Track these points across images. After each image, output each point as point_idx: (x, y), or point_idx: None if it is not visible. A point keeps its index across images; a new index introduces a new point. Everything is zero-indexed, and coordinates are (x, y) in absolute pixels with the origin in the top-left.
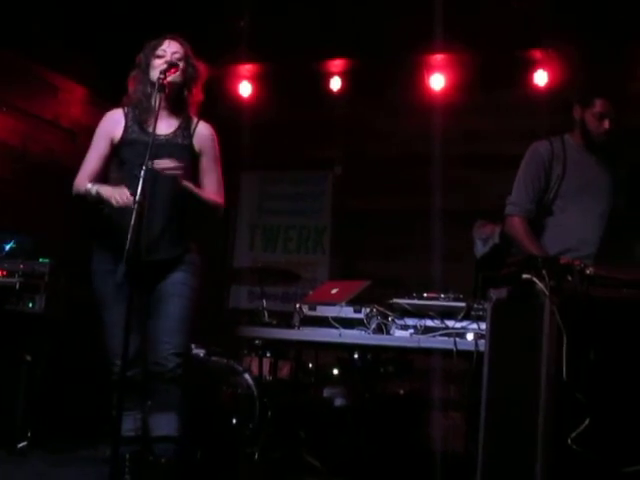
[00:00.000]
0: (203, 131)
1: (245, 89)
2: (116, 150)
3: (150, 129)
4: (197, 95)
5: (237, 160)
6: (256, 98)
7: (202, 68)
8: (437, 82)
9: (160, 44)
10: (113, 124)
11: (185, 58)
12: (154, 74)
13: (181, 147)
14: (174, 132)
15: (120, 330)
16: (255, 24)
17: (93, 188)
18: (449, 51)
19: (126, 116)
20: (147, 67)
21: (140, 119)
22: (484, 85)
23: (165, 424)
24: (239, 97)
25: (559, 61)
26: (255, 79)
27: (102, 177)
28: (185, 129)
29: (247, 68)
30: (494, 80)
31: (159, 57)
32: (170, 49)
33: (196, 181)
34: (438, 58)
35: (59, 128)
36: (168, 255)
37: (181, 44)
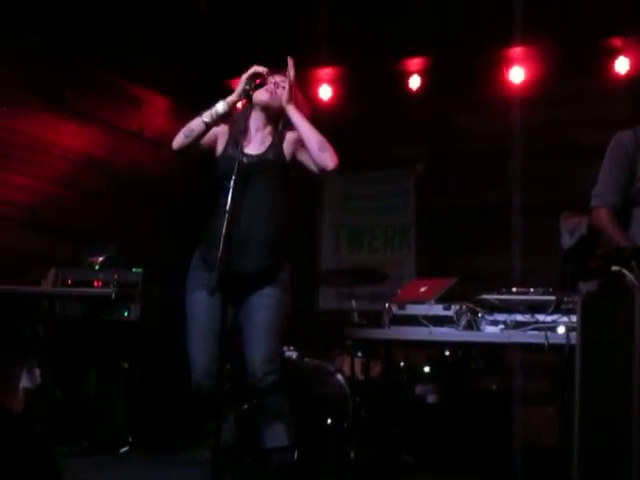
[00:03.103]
0: (288, 135)
1: (325, 92)
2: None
3: (242, 148)
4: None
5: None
6: (336, 100)
7: (303, 101)
8: (517, 75)
9: (271, 72)
10: (222, 137)
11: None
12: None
13: (272, 163)
14: (266, 150)
15: (198, 340)
16: (333, 27)
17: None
18: (528, 43)
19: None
20: None
21: (235, 137)
22: (564, 76)
23: (274, 436)
24: (319, 100)
25: None
26: (334, 82)
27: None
28: (277, 145)
29: (326, 71)
30: (574, 70)
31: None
32: (273, 80)
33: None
34: (517, 51)
35: (144, 139)
36: (259, 266)
37: (284, 75)
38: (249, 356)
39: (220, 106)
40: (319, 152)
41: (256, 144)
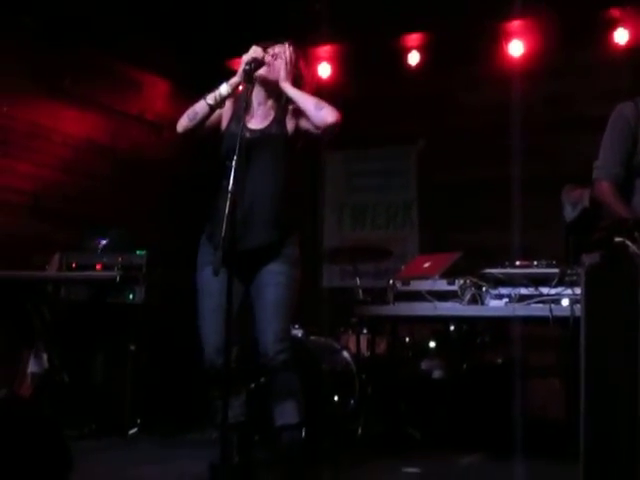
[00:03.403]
0: (290, 108)
1: (324, 70)
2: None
3: (246, 123)
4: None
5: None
6: (335, 78)
7: (310, 71)
8: (516, 49)
9: (268, 46)
10: (226, 113)
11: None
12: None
13: (275, 137)
14: (270, 124)
15: (210, 318)
16: (330, 5)
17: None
18: (526, 16)
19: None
20: None
21: (238, 113)
22: (563, 48)
23: (284, 413)
24: (319, 79)
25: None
26: (333, 59)
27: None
28: (281, 119)
29: (325, 49)
30: (573, 42)
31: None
32: (277, 49)
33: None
34: (516, 24)
35: (145, 123)
36: (264, 241)
37: (287, 45)
38: (260, 334)
39: (223, 88)
40: (316, 111)
41: (259, 119)
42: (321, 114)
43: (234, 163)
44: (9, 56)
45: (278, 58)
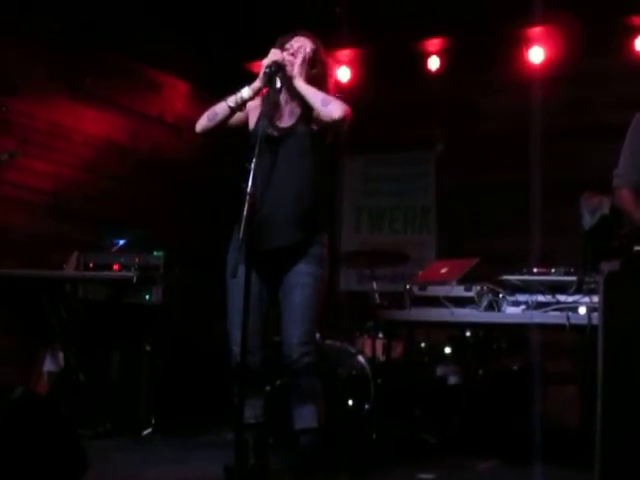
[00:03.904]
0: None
1: (344, 74)
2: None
3: (274, 122)
4: (329, 86)
5: (340, 144)
6: (355, 82)
7: (330, 63)
8: (536, 55)
9: (288, 40)
10: (254, 112)
11: (311, 52)
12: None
13: (302, 135)
14: (296, 121)
15: (237, 316)
16: (351, 9)
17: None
18: (548, 23)
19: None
20: None
21: (266, 112)
22: (583, 55)
23: (304, 416)
24: (338, 83)
25: None
26: (353, 63)
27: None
28: (307, 116)
29: (345, 53)
30: (594, 49)
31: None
32: (296, 44)
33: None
34: (537, 30)
35: (164, 124)
36: (290, 241)
37: (308, 38)
38: (286, 336)
39: (245, 92)
40: (322, 107)
41: (285, 117)
42: (328, 109)
43: (253, 165)
44: (30, 56)
45: (298, 55)
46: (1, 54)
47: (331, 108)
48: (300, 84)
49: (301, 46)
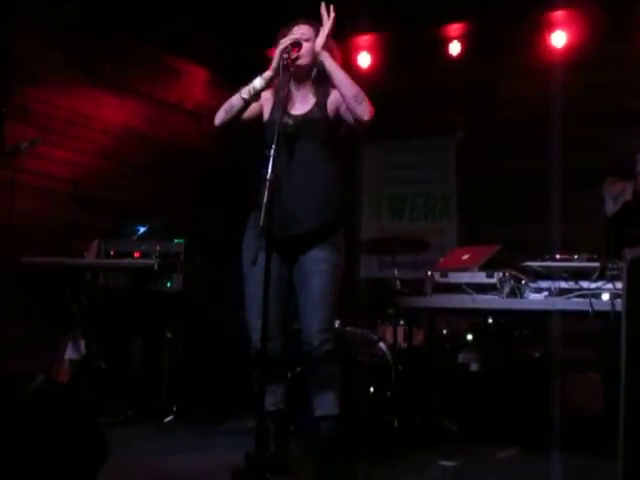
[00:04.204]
0: (332, 92)
1: (364, 60)
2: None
3: (288, 110)
4: None
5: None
6: (375, 68)
7: (336, 50)
8: (558, 39)
9: (290, 28)
10: (267, 103)
11: (323, 32)
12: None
13: (317, 122)
14: (311, 109)
15: (256, 304)
16: None
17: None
18: (569, 6)
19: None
20: None
21: (279, 101)
22: (606, 39)
23: (324, 403)
24: (359, 68)
25: None
26: (373, 49)
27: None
28: (322, 103)
29: (365, 39)
30: (616, 33)
31: None
32: (300, 31)
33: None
34: (559, 14)
35: (183, 111)
36: (308, 228)
37: (311, 26)
38: (305, 323)
39: (257, 82)
40: (355, 103)
41: (299, 104)
42: (360, 109)
43: (272, 152)
44: (49, 44)
45: (307, 40)
46: (18, 41)
47: (362, 110)
48: (328, 61)
49: (304, 34)
